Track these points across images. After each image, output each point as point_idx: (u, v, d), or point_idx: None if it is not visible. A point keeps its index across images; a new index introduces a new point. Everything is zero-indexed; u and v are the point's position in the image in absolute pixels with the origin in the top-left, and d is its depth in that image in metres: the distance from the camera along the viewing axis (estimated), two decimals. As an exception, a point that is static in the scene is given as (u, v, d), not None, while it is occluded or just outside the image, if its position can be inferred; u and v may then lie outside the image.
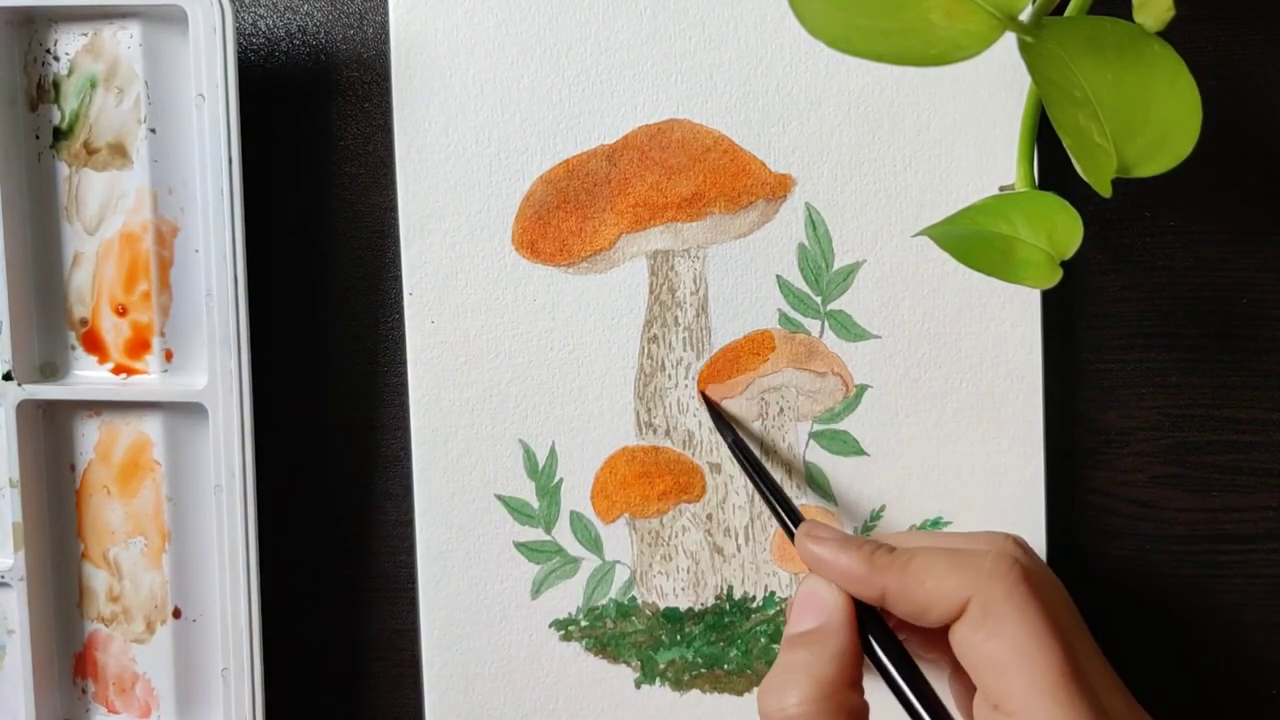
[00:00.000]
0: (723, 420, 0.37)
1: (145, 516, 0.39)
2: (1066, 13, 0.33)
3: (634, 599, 0.40)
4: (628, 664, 0.40)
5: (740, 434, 0.38)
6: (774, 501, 0.35)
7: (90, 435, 0.39)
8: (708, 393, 0.39)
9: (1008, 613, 0.29)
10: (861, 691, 0.31)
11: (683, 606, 0.40)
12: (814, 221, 0.39)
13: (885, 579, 0.30)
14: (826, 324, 0.39)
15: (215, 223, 0.37)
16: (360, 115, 0.40)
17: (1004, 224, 0.33)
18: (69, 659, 0.40)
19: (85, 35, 0.38)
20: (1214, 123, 0.32)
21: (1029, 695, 0.28)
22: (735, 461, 0.37)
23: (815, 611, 0.31)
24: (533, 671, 0.40)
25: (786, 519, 0.34)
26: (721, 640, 0.40)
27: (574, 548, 0.40)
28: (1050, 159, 0.37)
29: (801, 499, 0.39)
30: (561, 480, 0.39)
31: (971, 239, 0.33)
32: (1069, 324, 0.40)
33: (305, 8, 0.40)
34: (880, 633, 0.31)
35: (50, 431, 0.39)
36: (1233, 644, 0.40)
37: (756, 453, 0.38)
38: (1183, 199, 0.39)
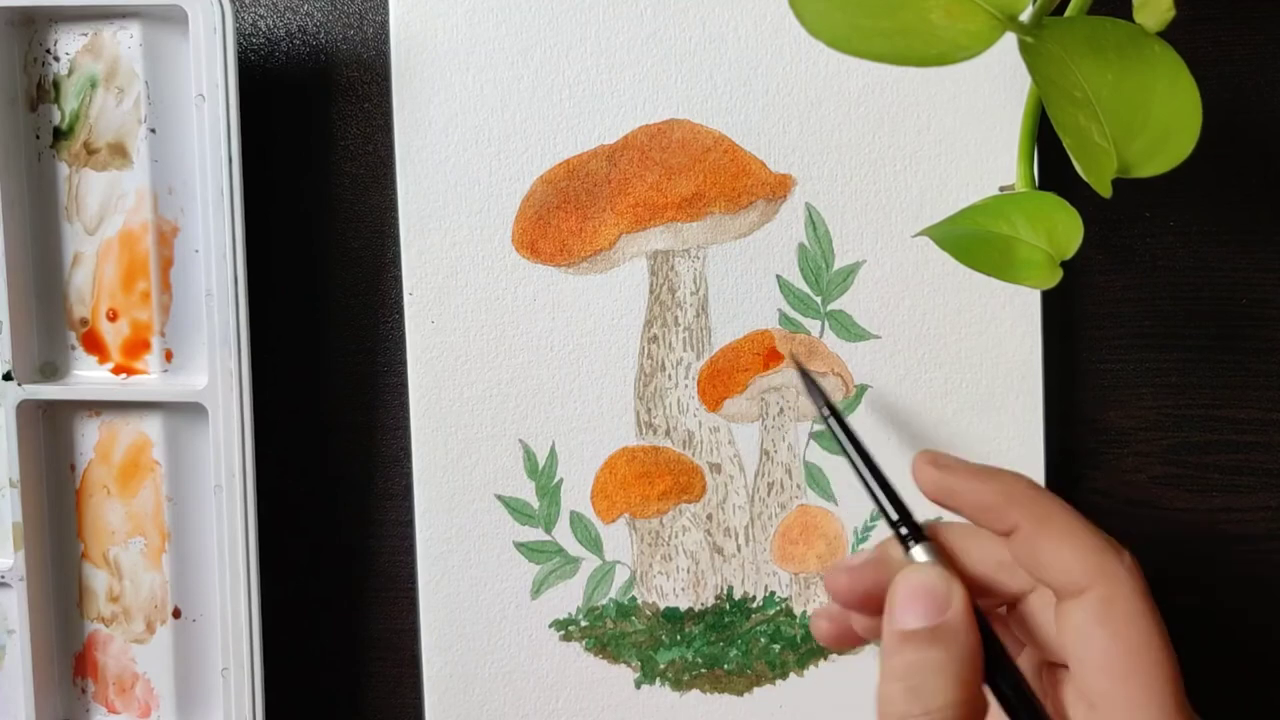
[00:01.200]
0: (816, 387, 0.33)
1: (145, 516, 0.39)
2: (1067, 13, 0.33)
3: (634, 599, 0.40)
4: (628, 664, 0.40)
5: (833, 403, 0.34)
6: (874, 480, 0.32)
7: (90, 435, 0.39)
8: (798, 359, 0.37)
9: (1133, 616, 0.28)
10: (984, 695, 0.29)
11: (683, 606, 0.40)
12: (814, 221, 0.39)
13: (1019, 518, 0.29)
14: (826, 324, 0.39)
15: (215, 223, 0.37)
16: (360, 115, 0.40)
17: (1004, 224, 0.33)
18: (69, 659, 0.40)
19: (85, 35, 0.38)
20: (1214, 123, 0.32)
21: (1132, 707, 0.27)
22: (831, 433, 0.33)
23: (929, 606, 0.29)
24: (533, 671, 0.40)
25: (887, 505, 0.31)
26: (721, 640, 0.40)
27: (574, 548, 0.40)
28: (1050, 159, 0.37)
29: (801, 499, 0.39)
30: (561, 480, 0.39)
31: (972, 239, 0.33)
32: (1069, 324, 0.40)
33: (305, 8, 0.40)
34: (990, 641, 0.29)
35: (50, 431, 0.39)
36: (1233, 644, 0.40)
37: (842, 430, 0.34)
38: (1183, 199, 0.39)
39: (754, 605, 0.40)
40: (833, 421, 0.32)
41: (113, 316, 0.38)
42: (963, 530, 0.31)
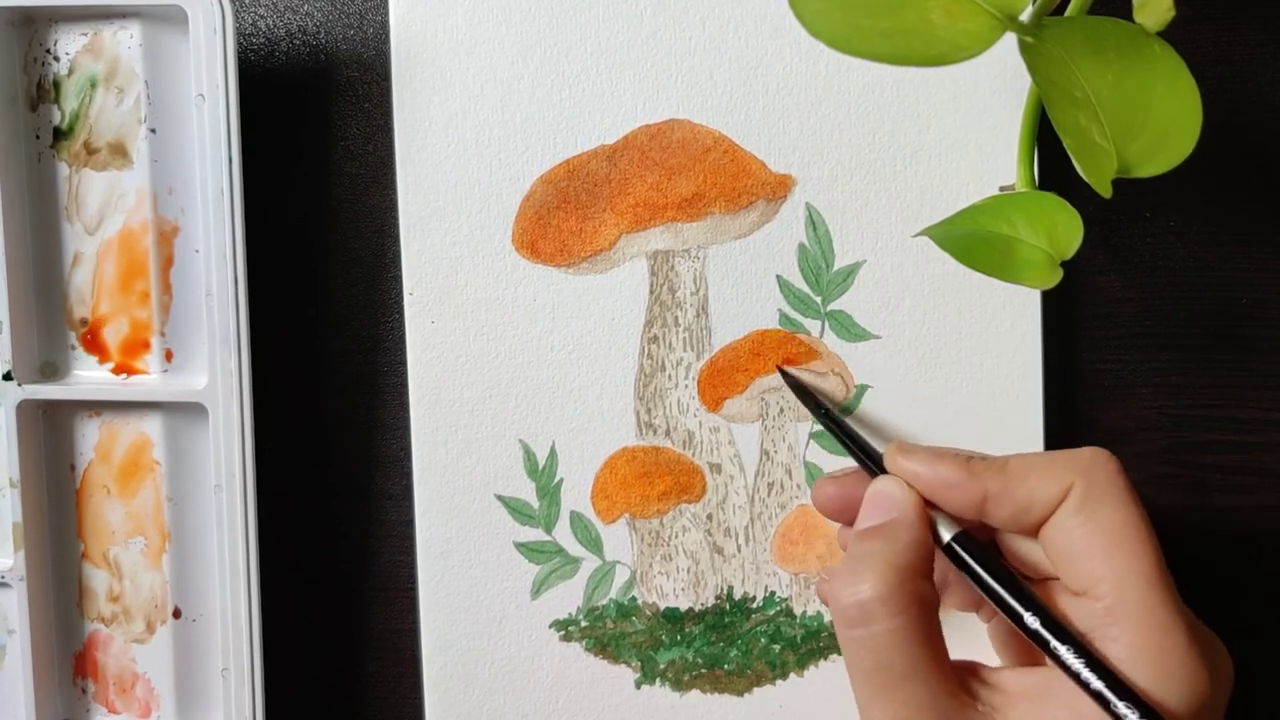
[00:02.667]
0: (805, 391, 0.38)
1: (145, 516, 0.39)
2: (1067, 13, 0.33)
3: (634, 599, 0.40)
4: (628, 664, 0.40)
5: (823, 401, 0.38)
6: (857, 450, 0.35)
7: (90, 435, 0.39)
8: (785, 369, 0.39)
9: (1109, 499, 0.29)
10: (933, 584, 0.31)
11: (683, 607, 0.40)
12: (814, 221, 0.39)
13: (985, 481, 0.30)
14: (826, 324, 0.39)
15: (215, 223, 0.37)
16: (360, 115, 0.40)
17: (1004, 224, 0.33)
18: (69, 659, 0.40)
19: (85, 35, 0.38)
20: (1214, 123, 0.32)
21: (1124, 579, 0.28)
22: (823, 425, 0.37)
23: (884, 507, 0.32)
24: (533, 672, 0.40)
25: (867, 459, 0.34)
26: (722, 640, 0.40)
27: (574, 548, 0.40)
28: (1050, 159, 0.37)
29: (801, 499, 0.39)
30: (562, 480, 0.39)
31: (972, 239, 0.33)
32: (1069, 324, 0.40)
33: (305, 8, 0.40)
34: (968, 542, 0.31)
35: (50, 431, 0.39)
36: (1232, 644, 0.40)
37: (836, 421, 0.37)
38: (1183, 199, 0.39)
39: (754, 605, 0.40)
40: (823, 418, 0.36)
41: (101, 324, 0.38)
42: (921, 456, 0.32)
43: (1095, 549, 0.29)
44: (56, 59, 0.38)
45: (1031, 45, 0.31)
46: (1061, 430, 0.39)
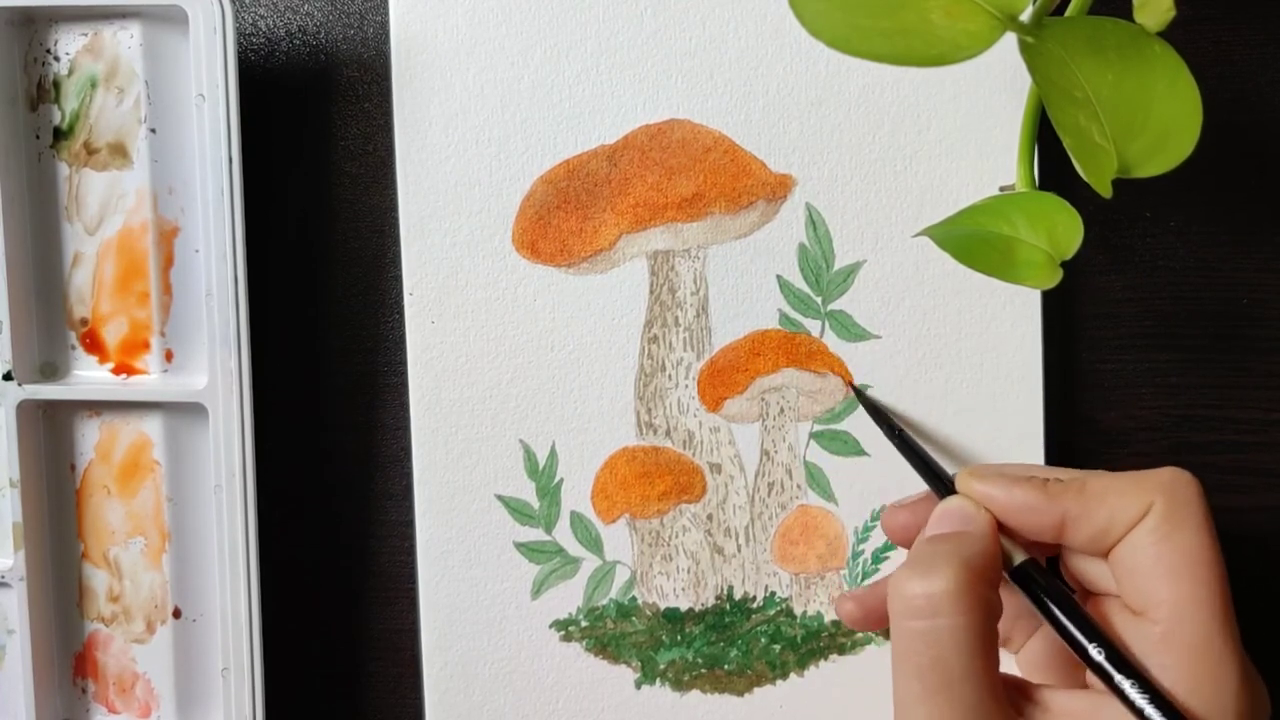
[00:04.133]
0: (879, 413, 0.38)
1: (145, 516, 0.39)
2: (1067, 13, 0.33)
3: (634, 599, 0.40)
4: (628, 664, 0.40)
5: (896, 421, 0.38)
6: (929, 472, 0.35)
7: (90, 435, 0.39)
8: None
9: (1187, 521, 0.29)
10: (999, 595, 0.30)
11: (683, 607, 0.40)
12: (814, 222, 0.39)
13: (1063, 504, 0.30)
14: (827, 324, 0.39)
15: (215, 223, 0.37)
16: (360, 115, 0.40)
17: (1004, 224, 0.33)
18: (69, 659, 0.40)
19: (85, 35, 0.38)
20: (1214, 123, 0.32)
21: (1185, 606, 0.28)
22: (895, 446, 0.37)
23: (956, 520, 0.31)
24: (533, 672, 0.40)
25: (941, 477, 0.34)
26: (722, 640, 0.40)
27: (574, 548, 0.40)
28: (1051, 159, 0.37)
29: (801, 499, 0.39)
30: (562, 480, 0.39)
31: (972, 239, 0.33)
32: (1069, 324, 0.40)
33: (305, 8, 0.40)
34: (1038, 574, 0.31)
35: (50, 431, 0.39)
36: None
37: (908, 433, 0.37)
38: (1183, 199, 0.39)
39: (754, 605, 0.40)
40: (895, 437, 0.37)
41: (95, 327, 0.38)
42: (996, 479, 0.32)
43: (1163, 569, 0.28)
44: (57, 59, 0.38)
45: (1032, 45, 0.31)
46: (1061, 430, 0.39)
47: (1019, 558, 0.31)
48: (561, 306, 0.39)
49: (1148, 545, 0.29)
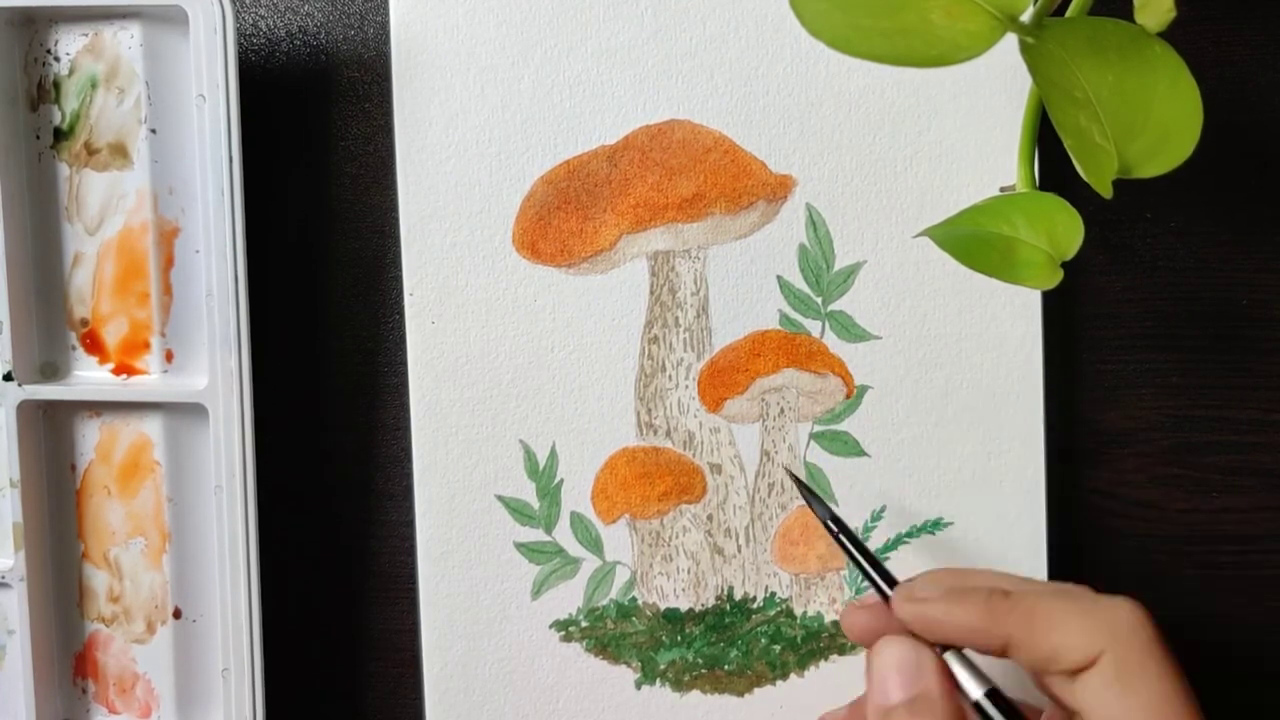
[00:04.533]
0: (812, 494, 0.36)
1: (145, 517, 0.39)
2: (1067, 13, 0.33)
3: (634, 600, 0.40)
4: (628, 665, 0.40)
5: (831, 506, 0.37)
6: (869, 569, 0.33)
7: (90, 435, 0.39)
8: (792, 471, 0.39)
9: (1144, 673, 0.28)
10: None
11: (683, 607, 0.40)
12: (815, 222, 0.39)
13: (1008, 628, 0.29)
14: (827, 324, 0.39)
15: (215, 223, 0.37)
16: (360, 115, 0.40)
17: (1005, 225, 0.33)
18: (69, 659, 0.40)
19: (86, 35, 0.38)
20: (1214, 123, 0.32)
21: None
22: (830, 534, 0.35)
23: (904, 680, 0.30)
24: (533, 672, 0.40)
25: (883, 585, 0.33)
26: (722, 641, 0.40)
27: (574, 548, 0.40)
28: (1051, 160, 0.37)
29: (801, 500, 0.39)
30: (562, 481, 0.39)
31: (972, 240, 0.33)
32: (1069, 324, 0.40)
33: (305, 8, 0.40)
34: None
35: (50, 432, 0.39)
36: (1233, 645, 0.40)
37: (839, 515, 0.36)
38: (1183, 200, 0.39)
39: (754, 606, 0.40)
40: (828, 523, 0.34)
41: (98, 327, 0.38)
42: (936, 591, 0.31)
43: None
44: (57, 59, 0.38)
45: (1032, 46, 0.31)
46: (1061, 430, 0.39)
47: (976, 692, 0.30)
48: (562, 307, 0.39)
49: (1111, 700, 0.28)
